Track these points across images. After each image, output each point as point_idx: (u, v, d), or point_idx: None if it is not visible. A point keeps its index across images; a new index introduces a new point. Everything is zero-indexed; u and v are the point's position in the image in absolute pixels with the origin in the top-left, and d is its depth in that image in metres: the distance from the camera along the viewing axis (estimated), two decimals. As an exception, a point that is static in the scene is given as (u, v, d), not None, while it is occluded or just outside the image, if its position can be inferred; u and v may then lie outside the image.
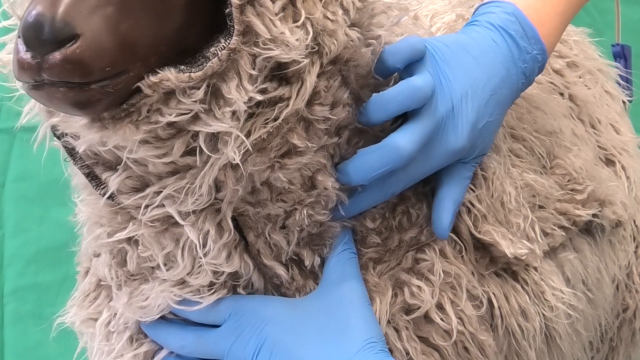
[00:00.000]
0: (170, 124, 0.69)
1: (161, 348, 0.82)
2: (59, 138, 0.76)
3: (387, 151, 0.76)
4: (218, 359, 0.79)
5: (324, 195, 0.77)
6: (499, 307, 0.85)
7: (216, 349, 0.78)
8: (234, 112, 0.68)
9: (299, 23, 0.70)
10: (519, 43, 0.85)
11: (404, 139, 0.76)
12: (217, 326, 0.79)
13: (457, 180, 0.83)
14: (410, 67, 0.80)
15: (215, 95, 0.68)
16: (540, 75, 1.07)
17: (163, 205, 0.74)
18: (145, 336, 0.83)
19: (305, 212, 0.77)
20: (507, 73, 0.84)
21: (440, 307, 0.81)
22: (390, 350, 0.79)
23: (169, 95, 0.67)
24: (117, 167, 0.74)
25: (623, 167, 1.10)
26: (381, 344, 0.76)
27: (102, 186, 0.75)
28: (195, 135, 0.70)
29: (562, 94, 1.07)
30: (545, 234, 0.92)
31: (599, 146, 1.08)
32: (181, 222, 0.74)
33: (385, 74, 0.80)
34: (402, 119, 0.80)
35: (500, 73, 0.84)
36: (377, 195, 0.80)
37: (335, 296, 0.78)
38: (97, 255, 0.84)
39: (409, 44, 0.79)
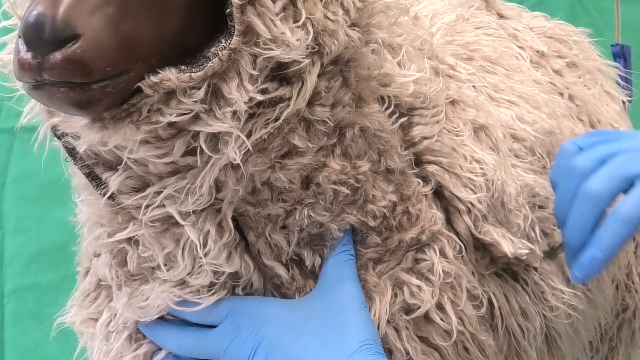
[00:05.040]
0: (171, 124, 0.69)
1: (160, 349, 0.82)
2: (59, 138, 0.76)
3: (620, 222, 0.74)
4: (215, 359, 0.79)
5: (318, 192, 0.77)
6: (499, 307, 0.85)
7: (213, 349, 0.78)
8: (234, 112, 0.68)
9: (300, 23, 0.70)
10: None
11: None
12: (215, 326, 0.79)
13: None
14: None
15: (215, 95, 0.68)
16: (540, 76, 1.06)
17: (163, 205, 0.74)
18: (144, 337, 0.83)
19: (305, 212, 0.77)
20: None
21: (440, 307, 0.81)
22: (390, 350, 0.79)
23: (170, 95, 0.67)
24: (118, 167, 0.74)
25: (623, 167, 1.09)
26: (377, 345, 0.76)
27: (102, 186, 0.75)
28: (196, 135, 0.70)
29: (561, 94, 1.07)
30: (545, 234, 0.92)
31: (599, 146, 1.08)
32: (181, 222, 0.74)
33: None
34: None
35: None
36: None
37: (332, 298, 0.78)
38: (98, 255, 0.83)
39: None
